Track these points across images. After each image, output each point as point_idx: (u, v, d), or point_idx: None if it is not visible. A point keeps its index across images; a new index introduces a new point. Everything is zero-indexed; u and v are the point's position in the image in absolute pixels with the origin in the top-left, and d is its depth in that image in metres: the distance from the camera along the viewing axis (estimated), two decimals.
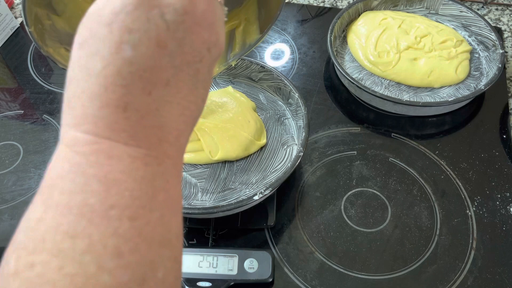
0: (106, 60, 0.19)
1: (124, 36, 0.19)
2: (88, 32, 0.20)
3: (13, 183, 0.56)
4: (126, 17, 0.19)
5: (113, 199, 0.19)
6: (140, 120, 0.20)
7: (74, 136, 0.20)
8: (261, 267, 0.45)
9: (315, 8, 0.79)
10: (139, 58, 0.19)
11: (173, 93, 0.21)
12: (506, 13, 0.76)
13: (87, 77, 0.20)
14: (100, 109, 0.19)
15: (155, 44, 0.20)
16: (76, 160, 0.19)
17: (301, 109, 0.53)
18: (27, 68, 0.70)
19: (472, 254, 0.48)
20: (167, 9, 0.20)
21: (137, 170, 0.20)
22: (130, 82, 0.19)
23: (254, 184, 0.50)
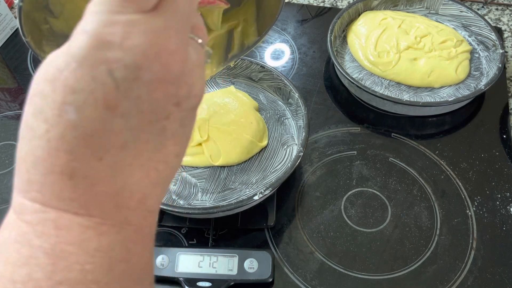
0: (49, 122, 0.17)
1: (67, 97, 0.17)
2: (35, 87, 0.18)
3: (13, 183, 0.56)
4: (69, 75, 0.17)
5: (61, 274, 0.17)
6: (91, 187, 0.18)
7: (21, 203, 0.18)
8: (261, 267, 0.45)
9: (315, 8, 0.79)
10: (84, 122, 0.17)
11: (132, 156, 0.19)
12: (506, 13, 0.76)
13: (32, 138, 0.18)
14: (45, 176, 0.18)
15: (102, 105, 0.17)
16: (23, 230, 0.18)
17: (301, 109, 0.53)
18: (27, 68, 0.70)
19: (472, 254, 0.48)
20: (115, 65, 0.17)
21: (89, 241, 0.18)
22: (75, 147, 0.17)
23: (254, 184, 0.50)
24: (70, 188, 0.18)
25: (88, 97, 0.17)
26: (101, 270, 0.18)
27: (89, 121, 0.17)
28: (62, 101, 0.17)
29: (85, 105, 0.17)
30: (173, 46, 0.18)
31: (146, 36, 0.17)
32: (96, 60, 0.17)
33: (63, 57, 0.17)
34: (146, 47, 0.17)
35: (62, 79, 0.17)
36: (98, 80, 0.17)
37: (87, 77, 0.17)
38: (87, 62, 0.17)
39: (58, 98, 0.17)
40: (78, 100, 0.17)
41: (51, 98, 0.17)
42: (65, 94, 0.17)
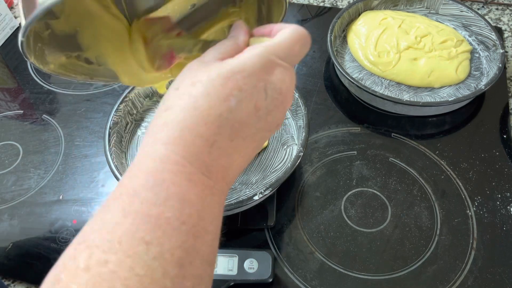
0: (214, 103, 0.24)
1: (234, 91, 0.24)
2: (205, 77, 0.25)
3: (12, 183, 0.56)
4: (241, 78, 0.25)
5: (185, 217, 0.22)
6: (217, 158, 0.24)
7: (165, 154, 0.23)
8: (261, 267, 0.45)
9: (315, 8, 0.79)
10: (238, 111, 0.24)
11: (244, 147, 0.26)
12: (506, 13, 0.76)
13: (193, 111, 0.24)
14: (195, 138, 0.24)
15: (253, 105, 0.25)
16: (163, 177, 0.23)
17: (301, 109, 0.53)
18: (27, 68, 0.70)
19: (472, 254, 0.48)
20: (270, 85, 0.25)
21: (206, 197, 0.24)
22: (224, 126, 0.24)
23: (254, 184, 0.50)
24: (207, 153, 0.24)
25: (248, 96, 0.25)
26: (208, 220, 0.23)
27: (241, 112, 0.25)
28: (228, 93, 0.24)
29: (244, 101, 0.25)
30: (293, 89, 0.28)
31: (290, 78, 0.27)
32: (261, 77, 0.25)
33: (239, 66, 0.25)
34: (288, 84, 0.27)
35: (234, 79, 0.24)
36: (257, 89, 0.25)
37: (252, 84, 0.25)
38: (255, 75, 0.25)
39: (227, 90, 0.24)
40: (241, 96, 0.24)
41: (222, 89, 0.24)
42: (233, 89, 0.24)
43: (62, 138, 0.61)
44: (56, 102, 0.65)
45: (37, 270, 0.48)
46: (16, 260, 0.49)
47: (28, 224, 0.52)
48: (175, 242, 0.21)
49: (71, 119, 0.63)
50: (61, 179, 0.56)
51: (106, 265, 0.19)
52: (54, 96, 0.66)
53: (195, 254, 0.22)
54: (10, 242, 0.51)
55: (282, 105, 0.27)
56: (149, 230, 0.21)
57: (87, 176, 0.56)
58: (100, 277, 0.19)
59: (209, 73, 0.25)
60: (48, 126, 0.62)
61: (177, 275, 0.20)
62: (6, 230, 0.52)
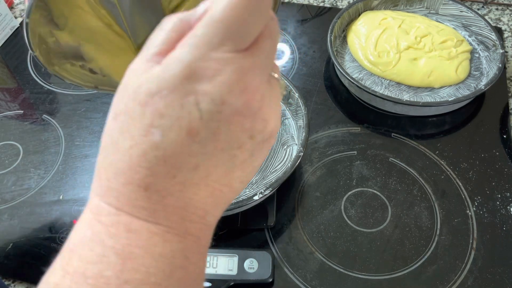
0: (134, 140, 0.19)
1: (155, 120, 0.19)
2: (123, 106, 0.20)
3: (12, 183, 0.56)
4: (159, 101, 0.19)
5: (128, 274, 0.19)
6: (161, 200, 0.20)
7: (99, 205, 0.20)
8: (261, 267, 0.45)
9: (315, 8, 0.79)
10: (167, 144, 0.19)
11: (201, 176, 0.20)
12: (506, 13, 0.76)
13: (116, 152, 0.20)
14: (123, 185, 0.20)
15: (185, 132, 0.19)
16: (97, 229, 0.20)
17: (301, 109, 0.53)
18: (27, 68, 0.70)
19: (472, 254, 0.48)
20: (203, 98, 0.19)
21: (155, 246, 0.20)
22: (154, 165, 0.19)
23: (254, 184, 0.50)
24: (144, 199, 0.20)
25: (174, 123, 0.19)
26: (163, 274, 0.20)
27: (171, 144, 0.19)
28: (149, 124, 0.19)
29: (170, 130, 0.19)
30: (256, 84, 0.20)
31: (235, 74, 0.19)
32: (187, 90, 0.19)
33: (156, 82, 0.19)
34: (233, 84, 0.19)
35: (152, 103, 0.19)
36: (185, 109, 0.19)
37: (176, 105, 0.19)
38: (178, 91, 0.18)
39: (146, 121, 0.19)
40: (165, 124, 0.19)
41: (140, 120, 0.19)
42: (153, 117, 0.19)
43: (62, 138, 0.61)
44: (56, 102, 0.65)
45: (37, 270, 0.48)
46: (16, 260, 0.49)
47: (28, 224, 0.52)
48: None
49: (71, 119, 0.63)
50: (61, 179, 0.56)
51: None
52: (54, 96, 0.66)
53: None
54: (10, 242, 0.51)
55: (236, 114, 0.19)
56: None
57: (87, 176, 0.56)
58: None
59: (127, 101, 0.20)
60: (48, 126, 0.62)
61: None
62: (6, 230, 0.52)
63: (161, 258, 0.20)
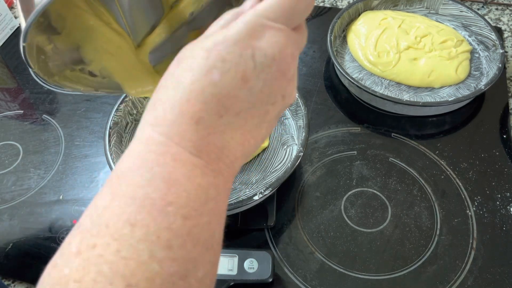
0: (196, 77, 0.22)
1: (217, 63, 0.22)
2: (189, 53, 0.23)
3: (12, 183, 0.56)
4: (223, 49, 0.22)
5: (172, 197, 0.21)
6: (206, 136, 0.23)
7: (150, 135, 0.22)
8: (261, 267, 0.45)
9: (315, 8, 0.79)
10: (223, 84, 0.22)
11: (240, 124, 0.23)
12: (506, 13, 0.76)
13: (176, 87, 0.23)
14: (178, 116, 0.22)
15: (240, 77, 0.22)
16: (147, 157, 0.22)
17: (301, 109, 0.53)
18: (27, 68, 0.70)
19: (472, 254, 0.48)
20: (258, 52, 0.23)
21: (195, 177, 0.22)
22: (209, 101, 0.22)
23: (254, 184, 0.50)
24: (193, 131, 0.22)
25: (232, 67, 0.22)
26: (200, 201, 0.22)
27: (226, 85, 0.22)
28: (212, 65, 0.22)
29: (228, 72, 0.22)
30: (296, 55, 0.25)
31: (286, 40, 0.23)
32: (246, 44, 0.23)
33: (222, 35, 0.23)
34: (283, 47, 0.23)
35: (217, 49, 0.22)
36: (243, 58, 0.22)
37: (236, 53, 0.22)
38: (239, 43, 0.22)
39: (209, 62, 0.22)
40: (224, 67, 0.22)
41: (204, 61, 0.22)
42: (216, 60, 0.22)
43: (62, 138, 0.61)
44: (56, 102, 0.65)
45: (37, 270, 0.48)
46: (16, 260, 0.49)
47: (28, 224, 0.52)
48: (161, 224, 0.20)
49: (71, 119, 0.63)
50: (61, 179, 0.56)
51: (94, 249, 0.19)
52: (54, 96, 0.66)
53: (185, 236, 0.21)
54: (10, 242, 0.51)
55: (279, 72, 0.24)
56: (134, 212, 0.20)
57: (87, 176, 0.56)
58: (89, 261, 0.19)
59: (193, 49, 0.23)
60: (48, 126, 0.62)
61: (165, 258, 0.20)
62: (6, 230, 0.52)
63: (199, 188, 0.22)
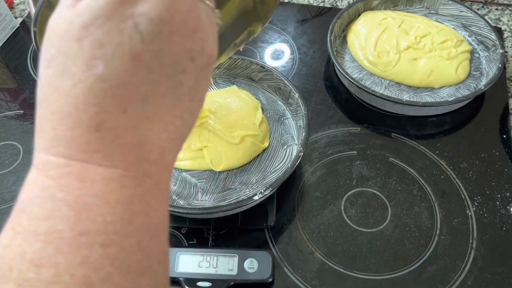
0: (76, 78, 0.18)
1: (95, 51, 0.18)
2: (55, 49, 0.19)
3: (13, 183, 0.56)
4: (96, 31, 0.18)
5: (83, 225, 0.18)
6: (115, 139, 0.19)
7: (45, 159, 0.19)
8: (261, 267, 0.45)
9: (315, 8, 0.79)
10: (112, 74, 0.18)
11: (152, 109, 0.19)
12: (506, 13, 0.76)
13: (57, 97, 0.18)
14: (72, 130, 0.18)
15: (129, 58, 0.18)
16: (46, 184, 0.18)
17: (301, 109, 0.53)
18: (27, 68, 0.70)
19: (472, 254, 0.48)
20: (141, 19, 0.18)
21: (111, 193, 0.18)
22: (103, 100, 0.18)
23: (254, 184, 0.50)
24: (97, 140, 0.18)
25: (116, 49, 0.18)
26: (122, 221, 0.18)
27: (117, 73, 0.18)
28: (90, 57, 0.18)
29: (113, 58, 0.18)
30: (189, 4, 0.20)
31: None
32: (123, 15, 0.18)
33: (89, 13, 0.18)
34: (168, 2, 0.19)
35: (89, 35, 0.18)
36: (125, 33, 0.18)
37: (115, 31, 0.18)
38: (114, 17, 0.18)
39: (85, 54, 0.18)
40: (106, 53, 0.18)
41: (78, 55, 0.18)
42: (93, 49, 0.18)
43: None
44: None
45: None
46: None
47: None
48: (74, 259, 0.17)
49: None
50: None
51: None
52: None
53: (109, 267, 0.18)
54: None
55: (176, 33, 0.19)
56: (39, 251, 0.17)
57: None
58: None
59: (59, 42, 0.18)
60: None
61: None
62: None
63: (118, 205, 0.18)
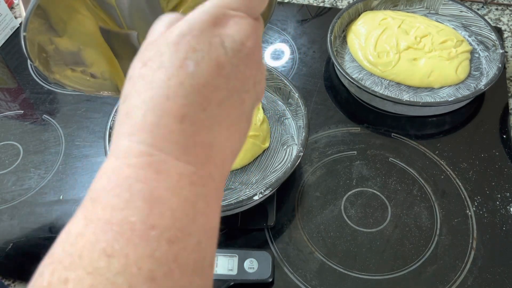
0: (170, 72, 0.21)
1: (189, 54, 0.21)
2: (153, 53, 0.22)
3: (13, 183, 0.56)
4: (192, 39, 0.22)
5: (154, 219, 0.19)
6: (193, 134, 0.21)
7: (128, 147, 0.20)
8: (261, 267, 0.45)
9: (315, 8, 0.79)
10: (200, 74, 0.21)
11: (223, 115, 0.22)
12: (506, 13, 0.76)
13: (150, 88, 0.21)
14: (160, 118, 0.20)
15: (214, 63, 0.22)
16: (125, 174, 0.19)
17: (301, 109, 0.53)
18: (27, 68, 0.70)
19: (472, 254, 0.48)
20: (227, 38, 0.22)
21: (182, 189, 0.20)
22: (190, 94, 0.21)
23: (254, 184, 0.50)
24: (179, 131, 0.20)
25: (206, 55, 0.22)
26: (187, 219, 0.20)
27: (204, 73, 0.21)
28: (184, 57, 0.21)
29: (202, 61, 0.21)
30: (259, 42, 0.25)
31: (250, 28, 0.24)
32: (213, 33, 0.22)
33: (187, 25, 0.22)
34: (249, 33, 0.23)
35: (185, 41, 0.21)
36: (214, 45, 0.22)
37: (206, 42, 0.22)
38: (206, 32, 0.22)
39: (180, 55, 0.21)
40: (197, 56, 0.21)
41: (174, 55, 0.21)
42: (187, 52, 0.21)
43: (62, 138, 0.61)
44: (56, 102, 0.65)
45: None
46: (16, 260, 0.49)
47: (28, 224, 0.52)
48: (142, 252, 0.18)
49: (71, 119, 0.63)
50: (61, 179, 0.56)
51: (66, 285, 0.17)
52: (54, 96, 0.66)
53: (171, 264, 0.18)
54: (10, 242, 0.51)
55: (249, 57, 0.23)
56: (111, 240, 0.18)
57: (87, 176, 0.56)
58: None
59: (157, 47, 0.22)
60: (48, 126, 0.62)
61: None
62: (6, 230, 0.52)
63: (186, 202, 0.20)
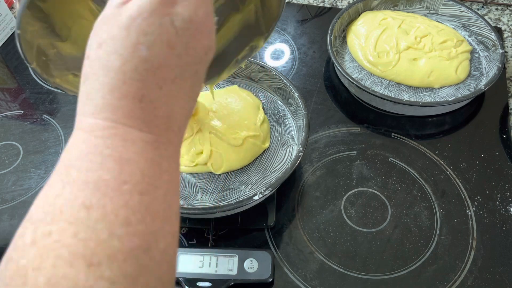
0: (124, 58, 0.22)
1: (140, 38, 0.22)
2: (106, 34, 0.23)
3: (13, 183, 0.56)
4: (142, 22, 0.22)
5: (126, 176, 0.22)
6: (153, 110, 0.23)
7: (94, 123, 0.22)
8: (261, 267, 0.45)
9: (315, 8, 0.79)
10: (153, 57, 0.23)
11: (178, 89, 0.24)
12: (506, 13, 0.76)
13: (107, 73, 0.22)
14: (119, 99, 0.22)
15: (166, 45, 0.23)
16: (94, 143, 0.22)
17: (301, 109, 0.53)
18: (27, 68, 0.70)
19: (472, 254, 0.48)
20: (176, 17, 0.23)
21: (147, 153, 0.23)
22: (145, 77, 0.23)
23: (254, 184, 0.50)
24: (139, 109, 0.23)
25: (157, 38, 0.23)
26: (154, 175, 0.23)
27: (156, 56, 0.23)
28: (136, 42, 0.22)
29: (154, 44, 0.23)
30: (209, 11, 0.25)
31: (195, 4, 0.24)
32: (163, 12, 0.23)
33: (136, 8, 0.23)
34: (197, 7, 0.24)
35: (136, 25, 0.22)
36: (164, 26, 0.23)
37: (156, 24, 0.23)
38: (156, 13, 0.23)
39: (132, 39, 0.22)
40: (149, 40, 0.23)
41: (126, 40, 0.22)
42: (138, 35, 0.22)
43: (62, 138, 0.61)
44: (56, 102, 0.65)
45: None
46: None
47: None
48: (118, 203, 0.21)
49: (71, 119, 0.63)
50: None
51: (50, 236, 0.20)
52: (54, 96, 0.66)
53: (144, 211, 0.21)
54: (10, 242, 0.51)
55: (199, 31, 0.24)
56: (89, 196, 0.21)
57: None
58: (45, 248, 0.19)
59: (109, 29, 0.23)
60: (48, 126, 0.62)
61: (125, 234, 0.20)
62: (6, 230, 0.52)
63: (152, 162, 0.23)
